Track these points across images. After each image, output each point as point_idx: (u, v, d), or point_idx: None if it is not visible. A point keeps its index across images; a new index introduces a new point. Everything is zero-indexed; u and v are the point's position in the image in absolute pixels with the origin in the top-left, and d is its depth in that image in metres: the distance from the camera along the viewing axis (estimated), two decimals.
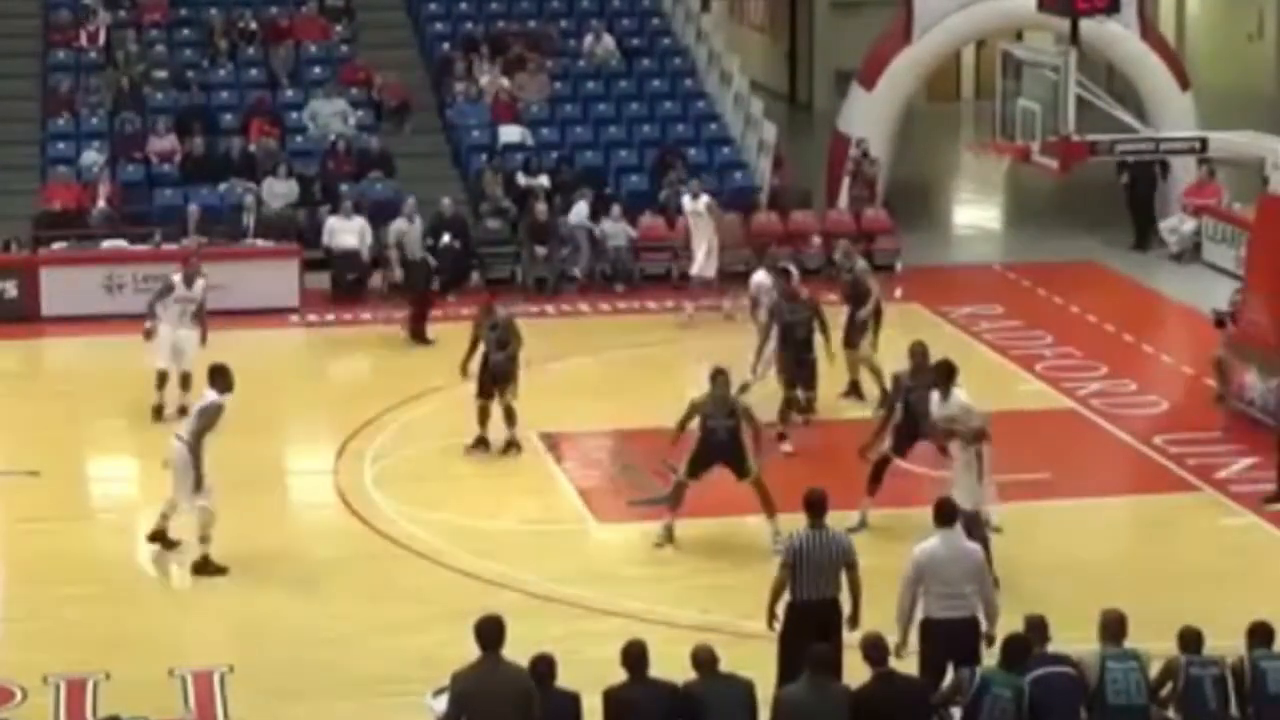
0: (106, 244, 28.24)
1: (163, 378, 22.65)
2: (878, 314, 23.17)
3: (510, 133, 31.61)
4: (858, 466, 19.21)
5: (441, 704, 13.37)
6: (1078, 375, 24.48)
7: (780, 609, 14.49)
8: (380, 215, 29.30)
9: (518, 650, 12.49)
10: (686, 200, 27.93)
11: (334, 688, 15.63)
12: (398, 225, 27.16)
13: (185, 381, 22.47)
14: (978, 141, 36.48)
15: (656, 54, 34.11)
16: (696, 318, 26.87)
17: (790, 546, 14.55)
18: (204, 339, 22.71)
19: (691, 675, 12.81)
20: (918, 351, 19.20)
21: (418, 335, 26.15)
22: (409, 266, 26.93)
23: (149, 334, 22.80)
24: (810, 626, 14.12)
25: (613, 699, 12.65)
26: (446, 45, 33.69)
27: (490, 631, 12.34)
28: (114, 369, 24.78)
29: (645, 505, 19.79)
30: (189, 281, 22.92)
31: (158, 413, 22.55)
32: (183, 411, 21.84)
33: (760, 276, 23.58)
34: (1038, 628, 13.15)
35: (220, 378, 18.42)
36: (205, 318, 22.94)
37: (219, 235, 28.19)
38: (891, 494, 19.33)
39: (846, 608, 14.55)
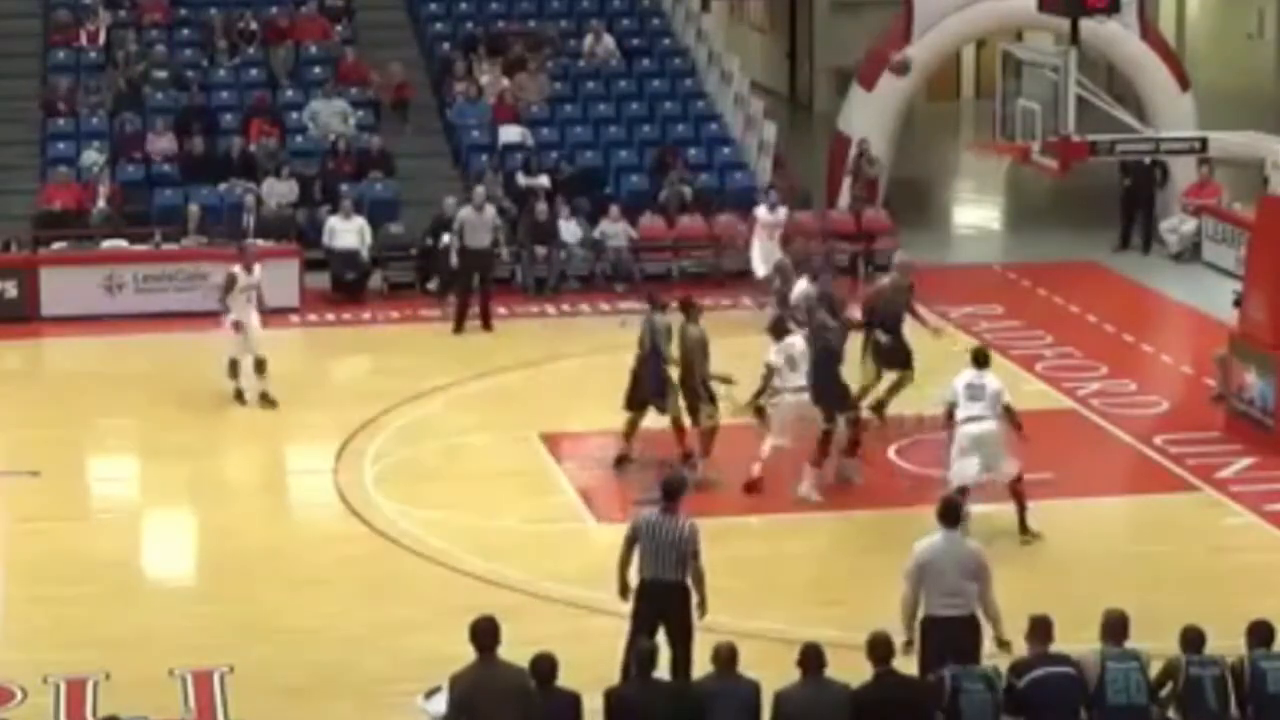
0: (106, 244, 28.21)
1: (234, 365, 23.13)
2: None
3: (510, 133, 31.58)
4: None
5: (433, 705, 13.36)
6: (1078, 375, 24.46)
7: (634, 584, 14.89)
8: (380, 215, 29.32)
9: (518, 650, 12.47)
10: (763, 211, 27.67)
11: (334, 688, 15.62)
12: (464, 213, 26.79)
13: (261, 366, 23.10)
14: (978, 141, 36.47)
15: (656, 54, 34.08)
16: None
17: (634, 523, 14.97)
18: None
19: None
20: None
21: (476, 322, 26.29)
22: (469, 255, 26.64)
23: (238, 326, 23.12)
24: (654, 605, 14.63)
25: (613, 699, 12.65)
26: (446, 45, 33.67)
27: (485, 632, 12.30)
28: (114, 369, 24.80)
29: (646, 505, 19.71)
30: (249, 268, 23.41)
31: (240, 397, 23.21)
32: (264, 398, 22.98)
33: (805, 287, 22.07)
34: (1042, 628, 13.12)
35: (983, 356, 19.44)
36: (263, 300, 23.53)
37: (219, 235, 28.16)
38: (895, 494, 19.35)
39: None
